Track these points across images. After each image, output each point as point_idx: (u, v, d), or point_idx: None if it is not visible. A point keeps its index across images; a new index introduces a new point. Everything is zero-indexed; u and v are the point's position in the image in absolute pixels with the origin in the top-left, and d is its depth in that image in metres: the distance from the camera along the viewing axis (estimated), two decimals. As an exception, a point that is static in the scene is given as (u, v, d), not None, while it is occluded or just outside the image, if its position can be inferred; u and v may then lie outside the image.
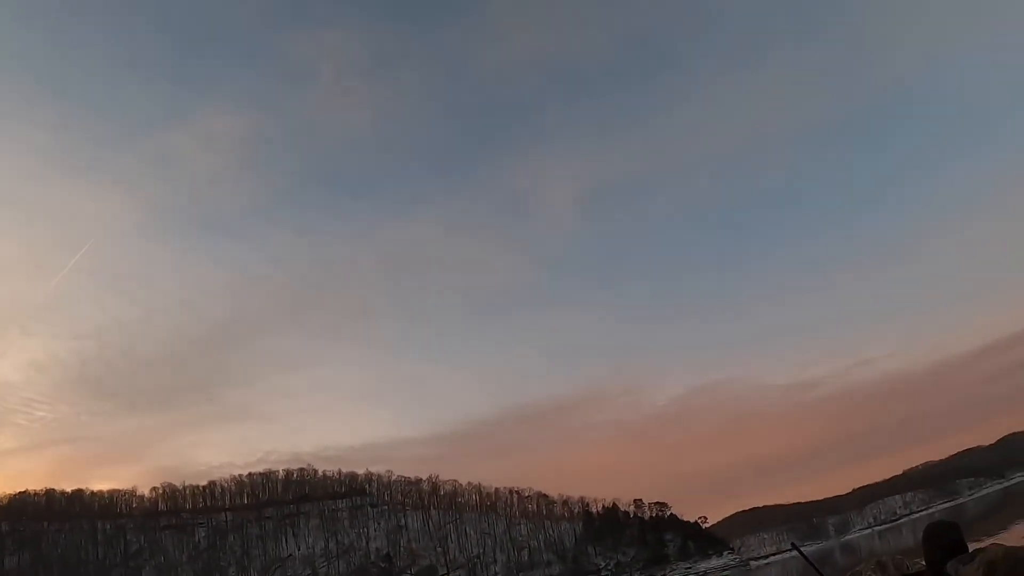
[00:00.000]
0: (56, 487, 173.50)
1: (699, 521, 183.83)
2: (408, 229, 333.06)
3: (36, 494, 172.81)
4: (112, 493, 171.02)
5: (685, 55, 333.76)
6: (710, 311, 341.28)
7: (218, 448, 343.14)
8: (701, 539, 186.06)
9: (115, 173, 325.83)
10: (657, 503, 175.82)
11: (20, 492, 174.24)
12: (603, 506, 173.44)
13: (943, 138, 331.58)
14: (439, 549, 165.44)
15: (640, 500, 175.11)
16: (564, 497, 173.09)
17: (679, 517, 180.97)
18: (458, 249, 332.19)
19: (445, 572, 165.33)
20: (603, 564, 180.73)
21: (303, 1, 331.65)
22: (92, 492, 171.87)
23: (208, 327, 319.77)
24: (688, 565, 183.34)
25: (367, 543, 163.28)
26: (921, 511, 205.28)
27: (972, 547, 4.29)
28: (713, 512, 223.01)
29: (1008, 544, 4.11)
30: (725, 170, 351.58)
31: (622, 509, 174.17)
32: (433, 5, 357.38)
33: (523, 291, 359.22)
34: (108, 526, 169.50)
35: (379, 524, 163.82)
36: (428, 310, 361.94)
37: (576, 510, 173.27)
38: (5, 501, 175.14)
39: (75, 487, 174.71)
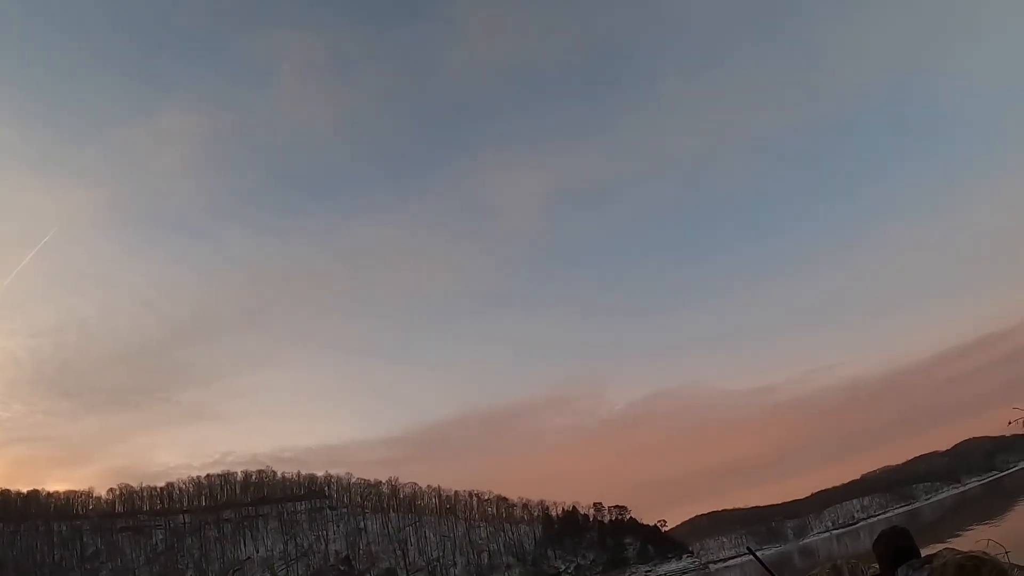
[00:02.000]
0: (11, 488, 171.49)
1: (658, 524, 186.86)
2: (369, 229, 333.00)
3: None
4: (68, 494, 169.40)
5: (647, 60, 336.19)
6: (671, 315, 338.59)
7: (176, 449, 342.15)
8: (661, 542, 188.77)
9: (73, 169, 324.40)
10: (617, 506, 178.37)
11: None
12: (563, 509, 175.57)
13: (898, 144, 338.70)
14: (398, 552, 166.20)
15: (600, 504, 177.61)
16: (524, 500, 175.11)
17: (638, 521, 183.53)
18: (420, 250, 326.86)
19: (404, 575, 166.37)
20: (563, 567, 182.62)
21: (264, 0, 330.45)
22: (48, 493, 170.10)
23: (167, 327, 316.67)
24: (648, 568, 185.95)
25: (326, 546, 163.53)
26: (878, 515, 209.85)
27: (925, 552, 4.46)
28: (672, 516, 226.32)
29: (960, 549, 4.28)
30: (685, 175, 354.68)
31: (582, 512, 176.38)
32: (396, 6, 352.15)
33: (485, 292, 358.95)
34: (64, 528, 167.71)
35: (338, 527, 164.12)
36: (389, 311, 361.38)
37: (536, 513, 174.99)
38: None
39: (30, 488, 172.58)
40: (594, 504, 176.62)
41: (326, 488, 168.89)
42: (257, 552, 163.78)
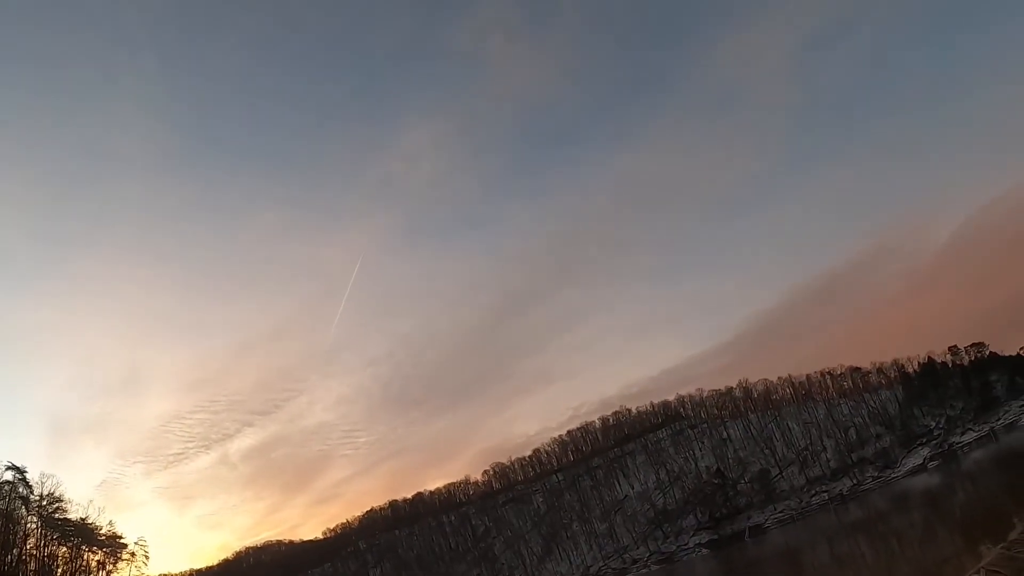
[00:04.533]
0: (396, 497, 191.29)
1: (1021, 352, 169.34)
2: (637, 156, 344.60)
3: (381, 508, 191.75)
4: (448, 487, 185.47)
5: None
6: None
7: (531, 417, 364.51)
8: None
9: (347, 213, 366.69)
10: (973, 345, 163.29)
11: (367, 511, 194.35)
12: (918, 363, 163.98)
13: None
14: (766, 451, 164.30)
15: (955, 346, 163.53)
16: (877, 364, 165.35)
17: (999, 354, 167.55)
18: (688, 155, 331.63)
19: (777, 473, 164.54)
20: (933, 424, 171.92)
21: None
22: (430, 492, 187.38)
23: (481, 313, 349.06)
24: (1022, 403, 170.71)
25: (695, 464, 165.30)
26: None
27: None
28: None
29: None
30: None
31: (939, 361, 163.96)
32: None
33: (762, 175, 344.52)
34: (452, 517, 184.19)
35: (702, 443, 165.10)
36: (682, 227, 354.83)
37: (892, 375, 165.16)
38: (356, 523, 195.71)
39: (413, 492, 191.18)
40: (949, 348, 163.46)
41: (681, 410, 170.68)
42: (632, 489, 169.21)
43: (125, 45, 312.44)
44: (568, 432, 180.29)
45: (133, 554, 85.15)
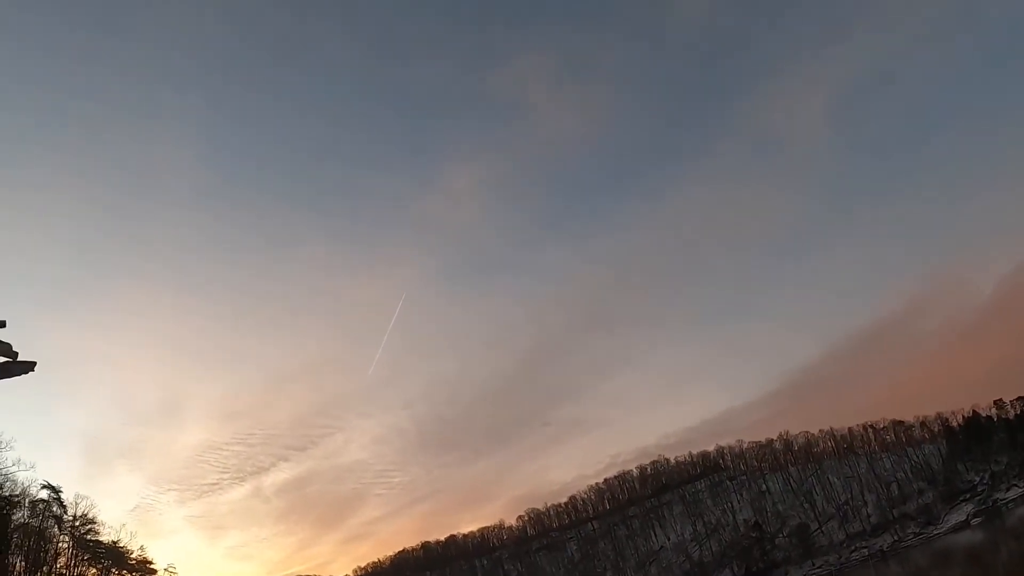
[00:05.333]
0: (429, 539, 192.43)
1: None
2: (674, 206, 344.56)
3: (413, 549, 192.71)
4: (482, 531, 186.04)
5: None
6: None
7: (567, 465, 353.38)
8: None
9: (388, 251, 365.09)
10: (1020, 398, 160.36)
11: (399, 551, 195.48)
12: (963, 417, 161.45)
13: None
14: (805, 505, 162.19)
15: (1000, 400, 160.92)
16: (920, 418, 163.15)
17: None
18: (727, 204, 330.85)
19: (816, 527, 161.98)
20: (977, 479, 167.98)
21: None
22: (464, 535, 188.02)
23: (518, 358, 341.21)
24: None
25: (733, 516, 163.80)
26: None
27: None
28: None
29: None
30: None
31: (983, 415, 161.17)
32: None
33: (799, 224, 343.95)
34: (485, 561, 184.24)
35: (741, 495, 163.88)
36: (720, 274, 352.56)
37: (936, 428, 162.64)
38: (387, 562, 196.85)
39: (447, 534, 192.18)
40: (994, 402, 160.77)
41: (720, 461, 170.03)
42: (668, 539, 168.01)
43: (171, 83, 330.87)
44: (605, 480, 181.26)
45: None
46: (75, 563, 77.06)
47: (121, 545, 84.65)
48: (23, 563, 64.65)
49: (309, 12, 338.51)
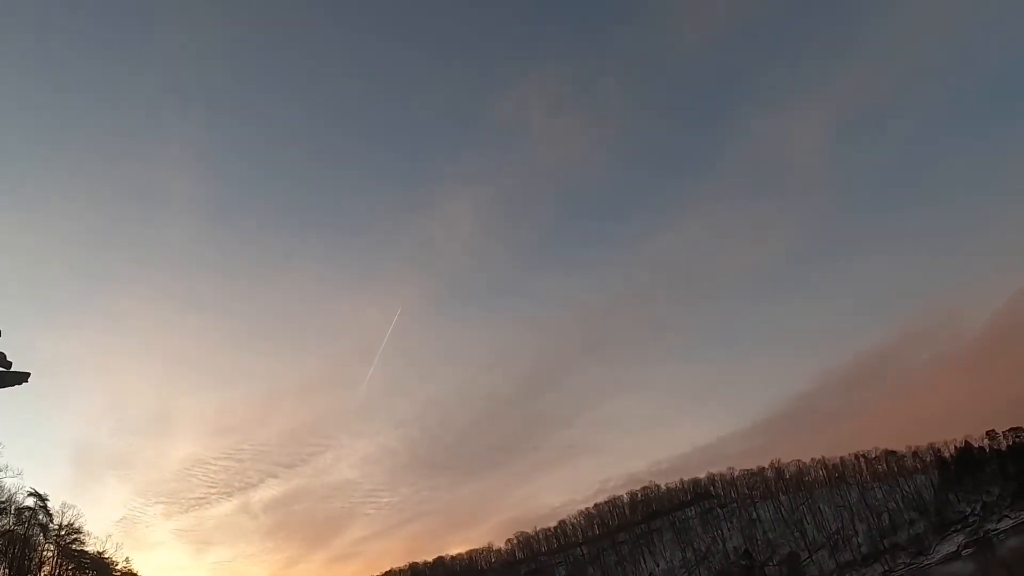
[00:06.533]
0: (417, 560, 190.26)
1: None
2: (669, 237, 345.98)
3: (401, 570, 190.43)
4: (470, 553, 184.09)
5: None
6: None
7: (557, 489, 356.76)
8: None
9: (384, 273, 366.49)
10: (1012, 429, 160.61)
11: (386, 572, 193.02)
12: (955, 447, 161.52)
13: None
14: (796, 534, 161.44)
15: (992, 431, 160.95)
16: (912, 448, 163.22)
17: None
18: (722, 229, 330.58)
19: (807, 557, 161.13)
20: (968, 510, 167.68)
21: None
22: (451, 556, 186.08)
23: (511, 382, 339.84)
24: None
25: (723, 544, 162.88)
26: None
27: None
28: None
29: None
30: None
31: (976, 446, 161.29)
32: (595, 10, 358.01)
33: (801, 249, 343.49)
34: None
35: (731, 523, 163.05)
36: (711, 302, 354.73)
37: (928, 459, 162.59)
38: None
39: (435, 556, 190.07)
40: (987, 433, 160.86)
41: (711, 488, 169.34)
42: (658, 566, 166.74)
43: (176, 93, 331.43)
44: (595, 505, 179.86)
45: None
46: (59, 572, 76.56)
47: (106, 556, 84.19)
48: (6, 570, 64.45)
49: (311, 34, 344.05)
